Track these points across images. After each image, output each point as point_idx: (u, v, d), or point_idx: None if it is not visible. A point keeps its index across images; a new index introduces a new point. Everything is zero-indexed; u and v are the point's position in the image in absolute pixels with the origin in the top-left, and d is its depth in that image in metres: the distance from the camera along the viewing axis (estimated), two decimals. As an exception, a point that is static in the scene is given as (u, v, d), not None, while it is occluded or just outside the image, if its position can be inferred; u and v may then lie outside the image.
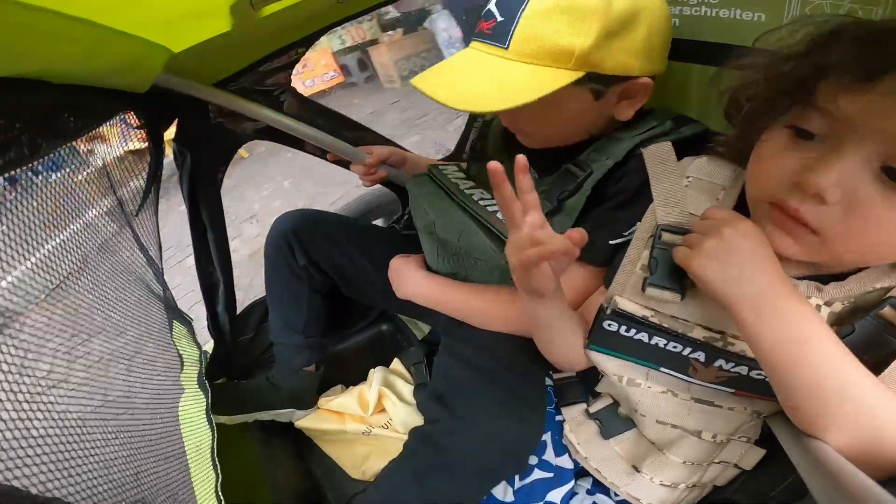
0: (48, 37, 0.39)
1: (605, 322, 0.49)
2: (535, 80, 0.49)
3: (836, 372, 0.34)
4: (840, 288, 0.40)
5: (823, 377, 0.34)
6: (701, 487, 0.53)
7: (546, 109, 0.52)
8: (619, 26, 0.49)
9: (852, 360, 0.35)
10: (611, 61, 0.50)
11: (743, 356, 0.43)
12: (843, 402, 0.34)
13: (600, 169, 0.55)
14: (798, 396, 0.36)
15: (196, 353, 0.79)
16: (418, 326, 0.97)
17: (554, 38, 0.49)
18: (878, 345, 0.37)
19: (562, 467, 0.58)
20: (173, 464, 0.57)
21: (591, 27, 0.48)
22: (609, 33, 0.49)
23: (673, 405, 0.49)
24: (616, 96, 0.55)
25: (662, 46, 0.54)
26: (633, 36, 0.50)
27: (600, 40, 0.48)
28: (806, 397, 0.36)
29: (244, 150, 1.50)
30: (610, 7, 0.48)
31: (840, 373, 0.34)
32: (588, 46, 0.48)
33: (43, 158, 0.46)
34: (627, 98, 0.55)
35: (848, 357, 0.35)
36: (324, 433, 0.90)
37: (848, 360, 0.34)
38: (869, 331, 0.38)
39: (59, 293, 0.48)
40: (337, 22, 0.80)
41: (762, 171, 0.39)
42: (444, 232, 0.63)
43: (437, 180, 0.69)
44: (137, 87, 0.60)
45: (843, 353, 0.35)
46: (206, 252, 0.90)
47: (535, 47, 0.50)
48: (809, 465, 0.36)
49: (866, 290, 0.39)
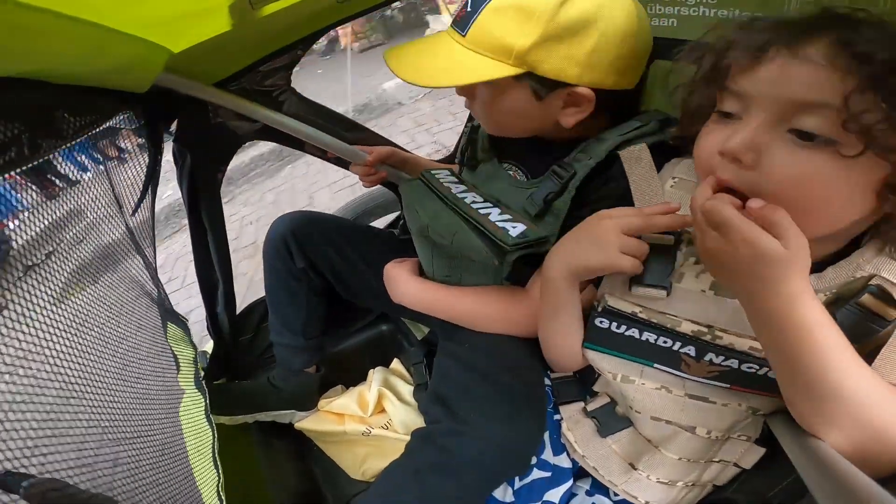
0: (48, 37, 0.39)
1: (597, 319, 0.50)
2: (479, 67, 0.54)
3: (838, 368, 0.34)
4: (819, 279, 0.40)
5: (825, 372, 0.34)
6: (700, 486, 0.53)
7: (493, 98, 0.58)
8: (563, 33, 0.51)
9: (855, 357, 0.35)
10: (548, 65, 0.53)
11: (732, 349, 0.43)
12: (843, 399, 0.34)
13: (583, 169, 0.56)
14: (799, 391, 0.37)
15: (192, 353, 0.79)
16: (418, 327, 0.97)
17: (501, 33, 0.52)
18: (864, 334, 0.38)
19: (560, 466, 0.58)
20: (179, 464, 0.57)
21: (533, 30, 0.51)
22: (550, 38, 0.51)
23: (667, 401, 0.49)
24: (561, 101, 0.56)
25: (613, 61, 0.54)
26: (577, 46, 0.52)
27: (539, 43, 0.51)
28: (806, 392, 0.36)
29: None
30: (557, 14, 0.50)
31: (841, 369, 0.34)
32: (526, 47, 0.51)
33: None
34: (573, 106, 0.57)
35: (850, 353, 0.35)
36: (324, 434, 0.90)
37: (850, 356, 0.35)
38: (851, 320, 0.38)
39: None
40: (337, 22, 0.80)
41: (699, 151, 0.43)
42: (437, 235, 0.63)
43: (429, 184, 0.70)
44: (137, 87, 0.60)
45: (846, 349, 0.35)
46: (205, 252, 0.90)
47: (485, 39, 0.54)
48: (809, 464, 0.36)
49: (847, 280, 0.39)
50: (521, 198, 0.61)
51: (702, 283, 0.45)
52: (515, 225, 0.56)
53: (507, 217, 0.59)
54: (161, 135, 0.73)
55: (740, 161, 0.37)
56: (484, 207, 0.61)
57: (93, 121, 0.56)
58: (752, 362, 0.43)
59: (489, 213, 0.60)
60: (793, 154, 0.36)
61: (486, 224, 0.58)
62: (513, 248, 0.54)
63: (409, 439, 0.58)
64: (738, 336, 0.43)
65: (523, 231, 0.55)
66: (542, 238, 0.55)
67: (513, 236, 0.55)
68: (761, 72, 0.37)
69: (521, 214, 0.60)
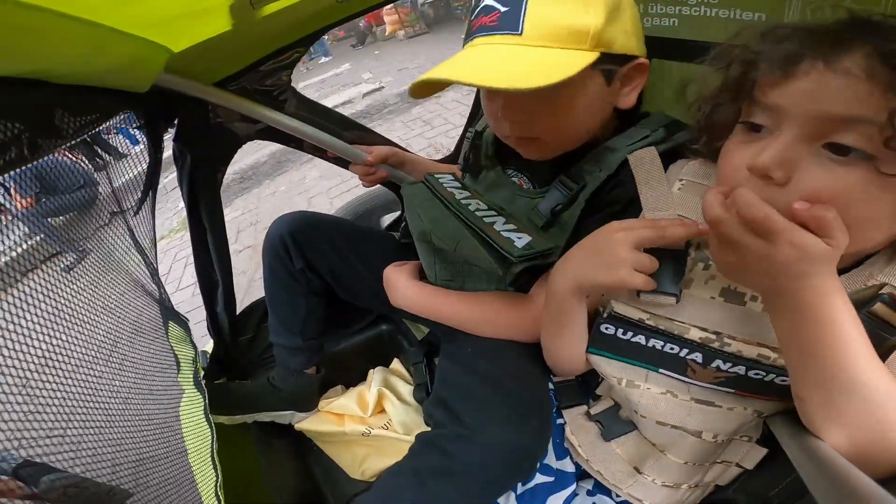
0: (48, 37, 0.39)
1: (603, 325, 0.49)
2: (561, 61, 0.48)
3: (860, 363, 0.34)
4: None
5: (847, 366, 0.34)
6: (703, 487, 0.53)
7: (563, 97, 0.51)
8: (615, 6, 0.49)
9: (875, 356, 0.34)
10: (617, 41, 0.50)
11: (740, 356, 0.43)
12: (859, 396, 0.34)
13: (594, 182, 0.55)
14: (816, 385, 0.36)
15: (192, 353, 0.79)
16: (418, 327, 0.97)
17: (568, 18, 0.48)
18: (875, 342, 0.37)
19: (563, 471, 0.57)
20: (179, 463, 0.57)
21: (598, 5, 0.48)
22: (613, 10, 0.49)
23: (673, 406, 0.49)
24: (619, 82, 0.55)
25: (640, 27, 0.54)
26: (625, 16, 0.51)
27: (609, 18, 0.48)
28: (824, 386, 0.36)
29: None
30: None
31: (862, 365, 0.34)
32: (601, 24, 0.48)
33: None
34: (627, 84, 0.55)
35: (872, 351, 0.34)
36: (323, 434, 0.90)
37: (872, 354, 0.34)
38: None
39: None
40: (337, 22, 0.80)
41: (724, 165, 0.41)
42: (440, 241, 0.63)
43: (432, 189, 0.69)
44: (137, 87, 0.60)
45: (869, 347, 0.34)
46: (205, 252, 0.90)
47: (550, 29, 0.48)
48: (809, 464, 0.36)
49: (859, 289, 0.39)
50: (526, 207, 0.60)
51: (710, 289, 0.45)
52: (521, 236, 0.55)
53: (513, 227, 0.57)
54: (161, 135, 0.73)
55: (770, 178, 0.36)
56: (488, 216, 0.60)
57: (93, 121, 0.55)
58: (759, 369, 0.43)
59: (494, 221, 0.59)
60: (827, 170, 0.34)
61: (491, 234, 0.56)
62: (518, 260, 0.53)
63: (409, 439, 0.58)
64: (746, 343, 0.43)
65: (529, 242, 0.54)
66: (547, 250, 0.54)
67: (518, 248, 0.53)
68: (796, 85, 0.35)
69: (526, 224, 0.59)
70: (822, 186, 0.34)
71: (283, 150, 3.29)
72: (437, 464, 0.53)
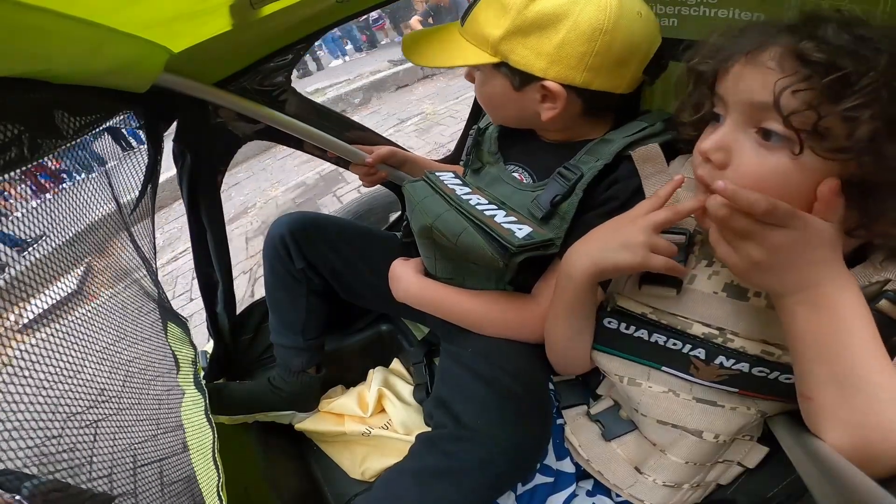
0: (48, 37, 0.39)
1: (606, 319, 0.49)
2: (466, 52, 0.61)
3: (872, 359, 0.34)
4: None
5: (852, 367, 0.34)
6: (704, 486, 0.53)
7: (481, 84, 0.65)
8: (531, 26, 0.54)
9: (882, 354, 0.34)
10: (517, 56, 0.56)
11: (743, 353, 0.43)
12: (862, 396, 0.34)
13: (590, 171, 0.56)
14: (819, 384, 0.36)
15: (192, 353, 0.79)
16: (418, 327, 0.97)
17: (483, 24, 0.58)
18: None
19: (562, 471, 0.57)
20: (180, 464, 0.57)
21: (504, 21, 0.55)
22: (518, 30, 0.55)
23: (674, 405, 0.49)
24: (538, 95, 0.58)
25: (582, 57, 0.54)
26: (545, 39, 0.54)
27: (508, 34, 0.55)
28: (827, 385, 0.36)
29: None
30: (527, 8, 0.54)
31: (872, 362, 0.34)
32: (497, 37, 0.56)
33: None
34: (547, 101, 0.58)
35: (883, 349, 0.34)
36: (323, 434, 0.90)
37: (883, 351, 0.34)
38: None
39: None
40: (337, 22, 0.80)
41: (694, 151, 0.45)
42: (441, 236, 0.63)
43: (433, 185, 0.69)
44: (137, 87, 0.60)
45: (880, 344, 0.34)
46: (205, 252, 0.90)
47: (473, 29, 0.60)
48: (810, 464, 0.36)
49: (864, 285, 0.39)
50: (526, 200, 0.61)
51: (714, 284, 0.45)
52: (521, 227, 0.56)
53: (513, 219, 0.58)
54: (161, 135, 0.73)
55: (710, 160, 0.40)
56: (489, 209, 0.61)
57: (93, 121, 0.55)
58: (763, 366, 0.43)
59: (494, 214, 0.60)
60: (755, 153, 0.38)
61: (492, 225, 0.57)
62: (519, 250, 0.53)
63: (409, 440, 0.58)
64: (749, 339, 0.43)
65: (529, 233, 0.55)
66: (547, 240, 0.55)
67: (519, 238, 0.54)
68: (729, 78, 0.40)
69: (526, 217, 0.59)
70: (751, 170, 0.38)
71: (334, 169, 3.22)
72: (438, 464, 0.53)
